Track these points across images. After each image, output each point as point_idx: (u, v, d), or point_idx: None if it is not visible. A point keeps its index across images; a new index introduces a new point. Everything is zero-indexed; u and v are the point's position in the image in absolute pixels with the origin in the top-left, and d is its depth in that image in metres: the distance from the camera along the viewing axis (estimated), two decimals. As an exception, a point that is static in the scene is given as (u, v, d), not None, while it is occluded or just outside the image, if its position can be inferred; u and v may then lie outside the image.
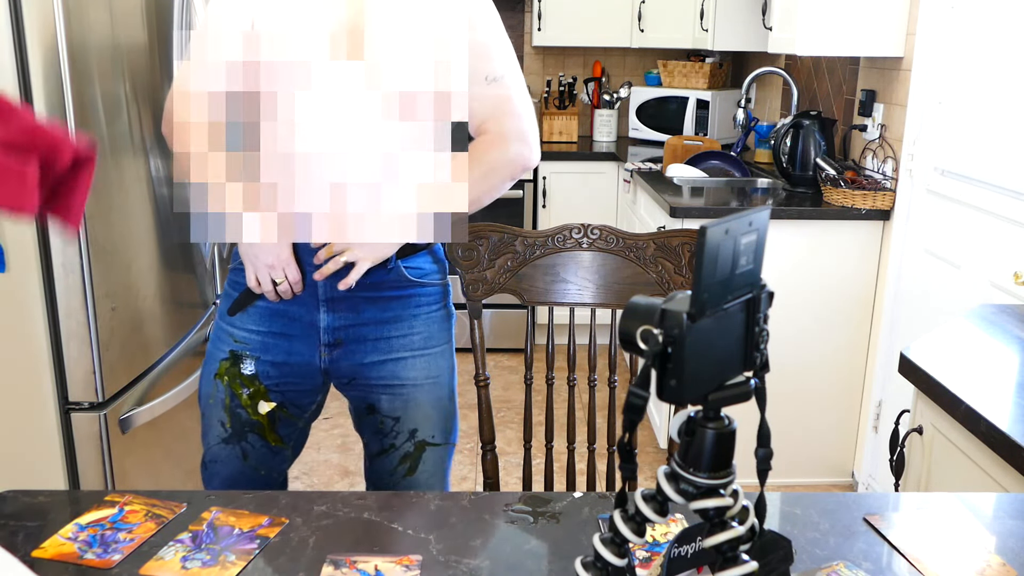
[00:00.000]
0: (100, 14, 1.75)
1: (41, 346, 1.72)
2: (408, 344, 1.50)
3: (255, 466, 1.56)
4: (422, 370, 1.51)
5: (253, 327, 1.50)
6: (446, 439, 1.56)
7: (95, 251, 1.72)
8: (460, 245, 1.53)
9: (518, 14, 4.54)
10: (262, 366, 1.50)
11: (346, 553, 0.99)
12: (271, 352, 1.50)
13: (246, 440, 1.55)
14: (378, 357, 1.50)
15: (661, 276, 1.52)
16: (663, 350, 0.71)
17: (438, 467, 1.55)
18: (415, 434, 1.52)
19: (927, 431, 1.53)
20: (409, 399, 1.51)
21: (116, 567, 0.96)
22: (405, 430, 1.52)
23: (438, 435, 1.54)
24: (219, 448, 1.55)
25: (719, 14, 3.72)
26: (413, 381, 1.51)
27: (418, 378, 1.51)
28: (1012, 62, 2.24)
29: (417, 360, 1.51)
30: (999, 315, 1.76)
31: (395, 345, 1.50)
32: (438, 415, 1.54)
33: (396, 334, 1.49)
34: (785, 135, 3.05)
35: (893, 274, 2.74)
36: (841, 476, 3.01)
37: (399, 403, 1.51)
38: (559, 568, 0.98)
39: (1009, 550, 1.02)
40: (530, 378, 1.60)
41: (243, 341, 1.50)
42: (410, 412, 1.52)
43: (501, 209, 3.92)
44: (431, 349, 1.52)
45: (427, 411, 1.53)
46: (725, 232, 0.69)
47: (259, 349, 1.50)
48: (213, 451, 1.55)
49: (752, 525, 0.79)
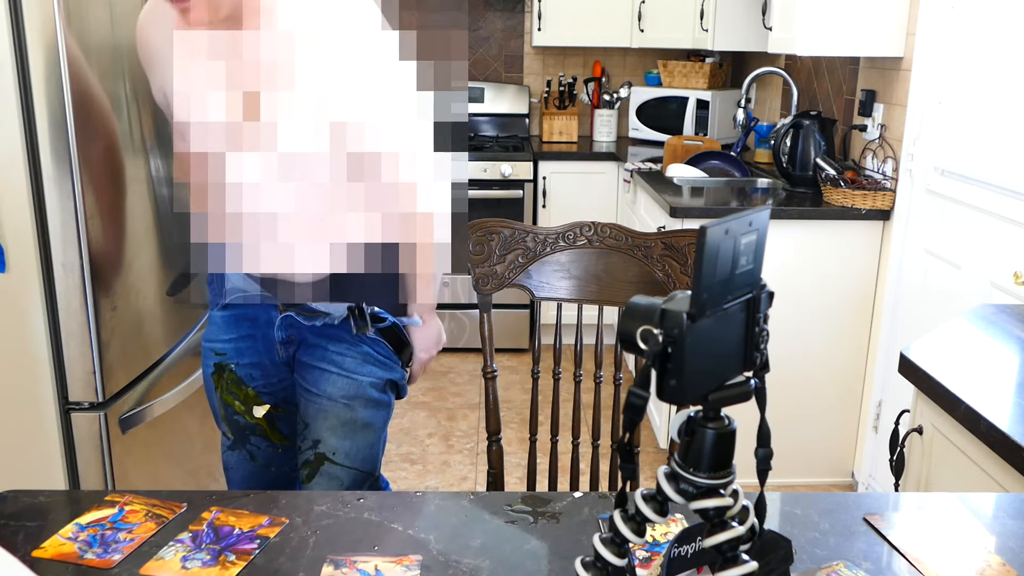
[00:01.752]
0: (100, 14, 1.76)
1: (41, 346, 1.72)
2: (338, 361, 1.50)
3: (264, 465, 1.61)
4: (341, 389, 1.50)
5: (224, 336, 1.55)
6: (352, 463, 1.53)
7: (95, 251, 1.72)
8: (472, 239, 1.54)
9: (518, 14, 4.54)
10: (243, 371, 1.56)
11: (346, 553, 0.99)
12: (246, 355, 1.55)
13: (250, 443, 1.59)
14: (309, 359, 1.52)
15: (668, 275, 1.52)
16: (663, 350, 0.71)
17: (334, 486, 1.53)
18: (317, 445, 1.52)
19: (927, 431, 1.53)
20: (320, 410, 1.51)
21: (116, 567, 0.96)
22: (310, 438, 1.53)
23: (340, 456, 1.52)
24: (228, 455, 1.62)
25: (719, 14, 3.72)
26: (328, 396, 1.51)
27: (334, 395, 1.50)
28: (1012, 62, 2.24)
29: (339, 379, 1.50)
30: (999, 315, 1.76)
31: (327, 356, 1.50)
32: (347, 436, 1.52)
33: (332, 348, 1.50)
34: (785, 135, 3.05)
35: (893, 274, 2.74)
36: (841, 476, 3.01)
37: (312, 410, 1.52)
38: (559, 568, 0.98)
39: (1009, 550, 1.02)
40: (537, 372, 1.61)
41: (221, 352, 1.56)
42: (318, 423, 1.52)
43: (501, 209, 3.92)
44: (360, 376, 1.51)
45: (335, 428, 1.51)
46: (725, 232, 0.69)
47: (235, 355, 1.55)
48: (224, 459, 1.62)
49: (752, 525, 0.79)
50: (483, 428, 3.31)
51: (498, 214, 3.80)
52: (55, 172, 1.65)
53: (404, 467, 3.07)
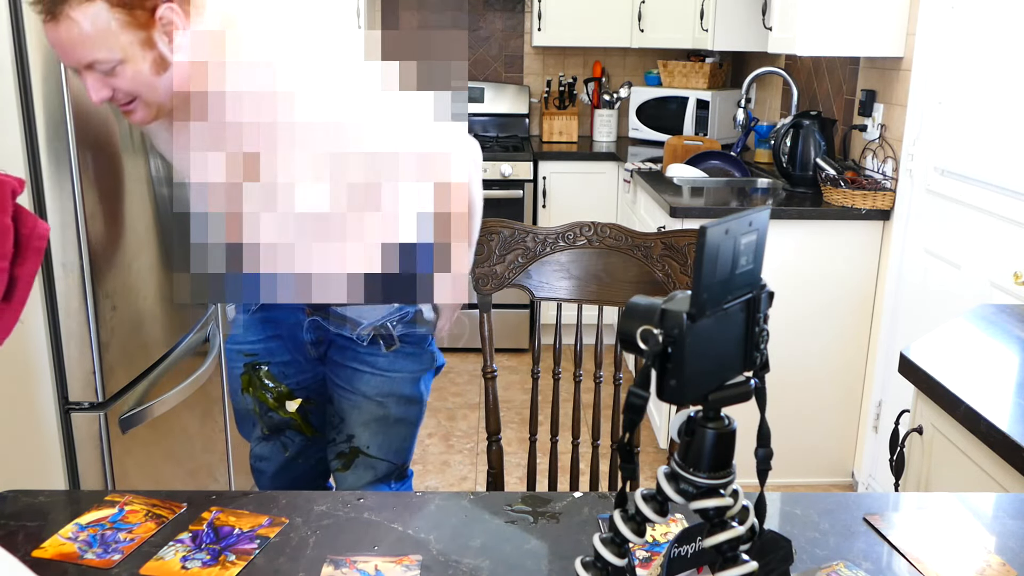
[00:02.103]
0: (100, 14, 1.75)
1: (41, 346, 1.72)
2: (371, 361, 1.55)
3: (294, 456, 1.68)
4: (375, 387, 1.56)
5: (253, 338, 1.61)
6: (386, 456, 1.60)
7: (95, 251, 1.72)
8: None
9: (518, 14, 4.54)
10: (275, 368, 1.62)
11: (346, 553, 0.99)
12: (276, 354, 1.61)
13: (284, 435, 1.67)
14: (341, 359, 1.57)
15: (668, 275, 1.52)
16: (663, 350, 0.71)
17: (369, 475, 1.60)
18: (352, 439, 1.59)
19: (927, 431, 1.53)
20: (355, 407, 1.57)
21: (116, 567, 0.96)
22: (345, 432, 1.59)
23: (373, 448, 1.58)
24: (262, 447, 1.68)
25: (719, 14, 3.72)
26: (363, 394, 1.56)
27: (368, 392, 1.56)
28: (1012, 62, 2.24)
29: (372, 377, 1.56)
30: (999, 315, 1.76)
31: (359, 356, 1.55)
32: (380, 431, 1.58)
33: (363, 349, 1.55)
34: (785, 135, 3.05)
35: (893, 274, 2.74)
36: (841, 476, 3.01)
37: (346, 406, 1.58)
38: (559, 568, 0.98)
39: (1009, 550, 1.02)
40: (537, 372, 1.61)
41: (252, 353, 1.62)
42: (352, 419, 1.58)
43: (501, 209, 3.92)
44: (393, 373, 1.56)
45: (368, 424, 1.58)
46: (725, 232, 0.69)
47: (266, 355, 1.61)
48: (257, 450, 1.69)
49: (752, 525, 0.79)
50: (483, 428, 3.31)
51: (498, 214, 3.80)
52: (55, 172, 1.65)
53: (404, 467, 3.07)
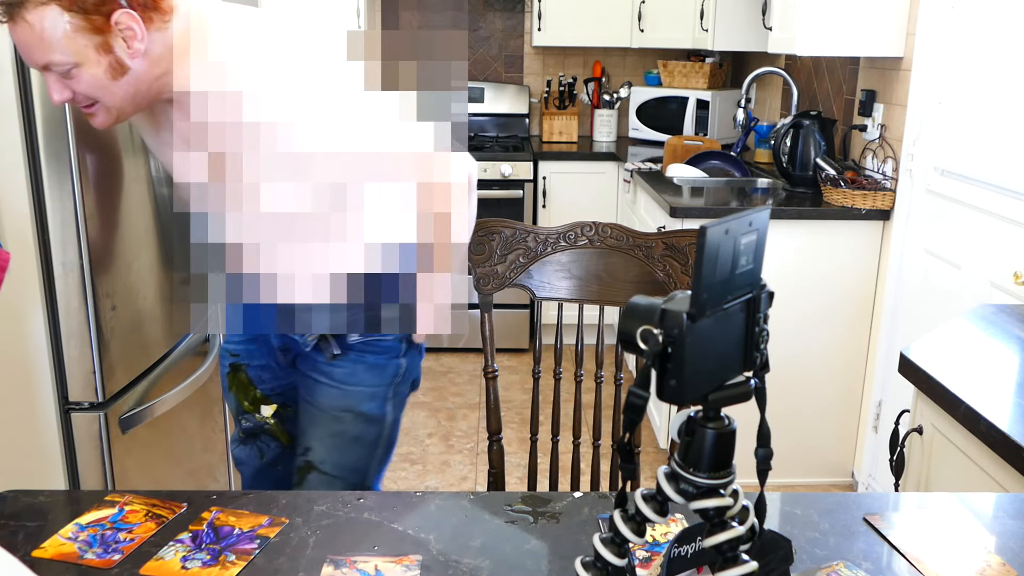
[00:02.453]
0: (100, 14, 1.75)
1: (41, 346, 1.72)
2: (328, 372, 1.48)
3: (271, 462, 1.64)
4: (331, 400, 1.49)
5: (236, 339, 1.59)
6: (341, 474, 1.50)
7: (95, 251, 1.72)
8: (473, 239, 1.54)
9: (518, 14, 4.54)
10: (254, 372, 1.59)
11: (346, 553, 0.99)
12: (255, 357, 1.59)
13: (260, 440, 1.64)
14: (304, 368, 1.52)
15: (668, 275, 1.52)
16: (663, 350, 0.71)
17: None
18: (307, 452, 1.51)
19: (927, 431, 1.53)
20: (312, 420, 1.51)
21: (116, 567, 0.96)
22: (302, 444, 1.53)
23: (328, 465, 1.50)
24: (240, 450, 1.65)
25: (719, 14, 3.72)
26: (319, 406, 1.50)
27: (324, 406, 1.49)
28: (1012, 62, 2.24)
29: (329, 390, 1.49)
30: (999, 315, 1.76)
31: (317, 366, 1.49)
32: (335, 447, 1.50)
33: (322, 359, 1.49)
34: (785, 135, 3.05)
35: (893, 274, 2.74)
36: (841, 476, 3.01)
37: (306, 418, 1.53)
38: (559, 568, 0.98)
39: (1009, 550, 1.02)
40: (538, 372, 1.61)
41: (235, 353, 1.60)
42: (309, 432, 1.52)
43: (501, 209, 3.92)
44: (350, 386, 1.48)
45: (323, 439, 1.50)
46: (725, 232, 0.69)
47: (246, 356, 1.59)
48: (235, 453, 1.66)
49: (752, 525, 0.79)
50: (483, 428, 3.31)
51: (498, 214, 3.80)
52: (55, 172, 1.65)
53: (404, 467, 3.07)
